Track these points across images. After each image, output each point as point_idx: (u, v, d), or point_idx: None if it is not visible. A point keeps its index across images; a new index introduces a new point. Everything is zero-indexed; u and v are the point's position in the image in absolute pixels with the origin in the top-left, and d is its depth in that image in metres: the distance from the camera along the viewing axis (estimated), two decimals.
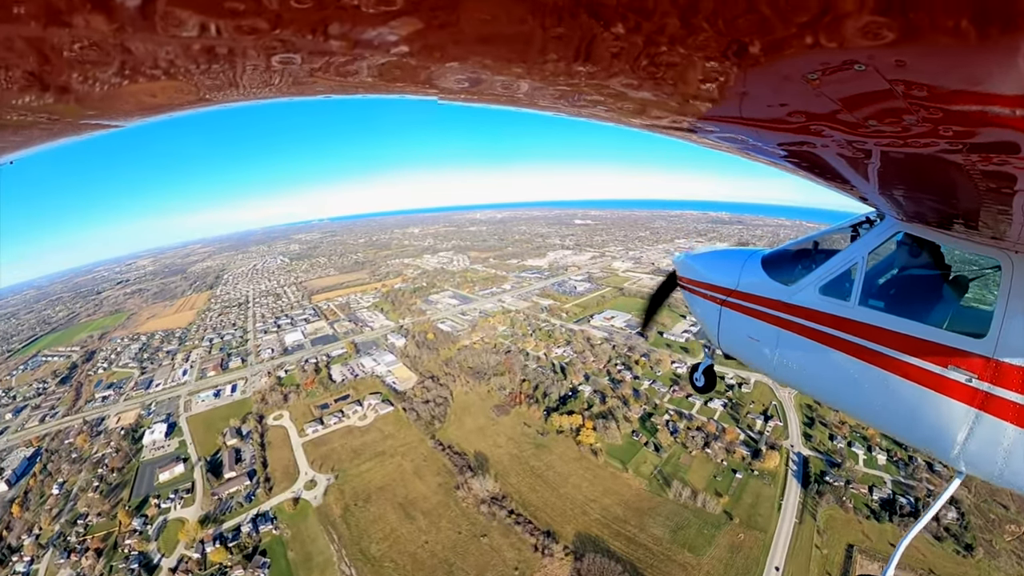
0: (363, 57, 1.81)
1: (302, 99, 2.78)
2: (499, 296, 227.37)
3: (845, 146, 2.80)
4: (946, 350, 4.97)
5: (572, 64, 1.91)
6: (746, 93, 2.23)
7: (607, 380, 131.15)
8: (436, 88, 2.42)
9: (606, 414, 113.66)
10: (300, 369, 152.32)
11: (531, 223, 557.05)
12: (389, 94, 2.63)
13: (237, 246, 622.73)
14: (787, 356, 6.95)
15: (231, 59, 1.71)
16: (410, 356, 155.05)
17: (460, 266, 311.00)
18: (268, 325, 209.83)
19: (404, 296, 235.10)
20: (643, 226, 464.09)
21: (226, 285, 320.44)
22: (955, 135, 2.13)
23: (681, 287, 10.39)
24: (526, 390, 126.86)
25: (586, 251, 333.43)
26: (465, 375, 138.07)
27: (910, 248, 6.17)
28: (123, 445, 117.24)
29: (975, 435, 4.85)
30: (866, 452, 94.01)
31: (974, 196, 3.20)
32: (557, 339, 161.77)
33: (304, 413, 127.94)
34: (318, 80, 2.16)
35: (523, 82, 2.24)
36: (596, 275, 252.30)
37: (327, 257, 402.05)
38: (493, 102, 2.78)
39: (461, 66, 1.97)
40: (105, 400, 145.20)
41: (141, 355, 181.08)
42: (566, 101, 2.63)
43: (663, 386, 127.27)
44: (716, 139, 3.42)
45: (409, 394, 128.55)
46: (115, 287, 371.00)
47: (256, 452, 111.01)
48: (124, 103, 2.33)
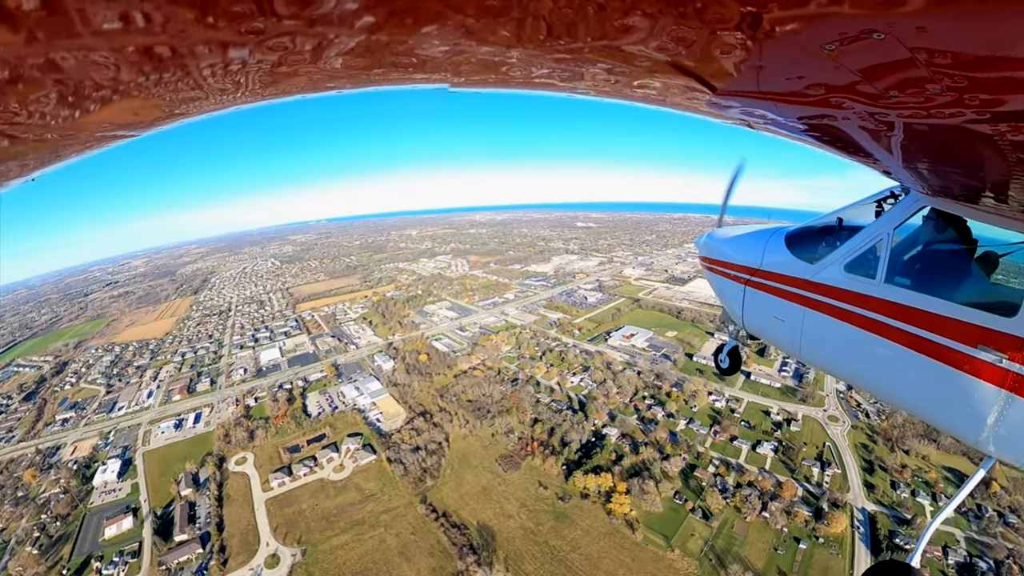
0: (328, 38, 1.66)
1: (291, 99, 2.71)
2: (502, 307, 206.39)
3: (867, 118, 2.71)
4: (975, 329, 4.78)
5: (568, 35, 1.81)
6: (763, 66, 2.17)
7: (636, 419, 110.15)
8: (422, 70, 2.31)
9: (640, 468, 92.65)
10: (271, 398, 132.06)
11: (532, 225, 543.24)
12: (379, 83, 2.56)
13: (231, 247, 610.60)
14: (812, 336, 6.85)
15: (176, 66, 1.58)
16: (398, 385, 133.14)
17: (459, 272, 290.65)
18: (246, 339, 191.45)
19: (396, 307, 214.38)
20: (648, 229, 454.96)
21: (211, 290, 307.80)
22: (982, 104, 2.00)
23: (704, 267, 10.29)
24: (539, 435, 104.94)
25: (593, 256, 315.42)
26: (464, 412, 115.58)
27: (936, 223, 5.94)
28: (72, 484, 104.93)
29: (1006, 418, 4.65)
30: (932, 502, 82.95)
31: (1003, 168, 3.03)
32: (571, 363, 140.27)
33: (271, 457, 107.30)
34: (291, 74, 2.02)
35: (515, 51, 2.09)
36: (607, 283, 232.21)
37: (319, 260, 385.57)
38: (495, 80, 2.62)
39: (440, 32, 1.75)
40: (65, 424, 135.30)
41: (111, 370, 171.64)
42: (568, 70, 2.51)
43: (702, 426, 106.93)
44: (736, 115, 3.33)
45: (395, 438, 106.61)
46: (104, 289, 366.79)
47: (212, 508, 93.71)
48: (145, 113, 2.29)
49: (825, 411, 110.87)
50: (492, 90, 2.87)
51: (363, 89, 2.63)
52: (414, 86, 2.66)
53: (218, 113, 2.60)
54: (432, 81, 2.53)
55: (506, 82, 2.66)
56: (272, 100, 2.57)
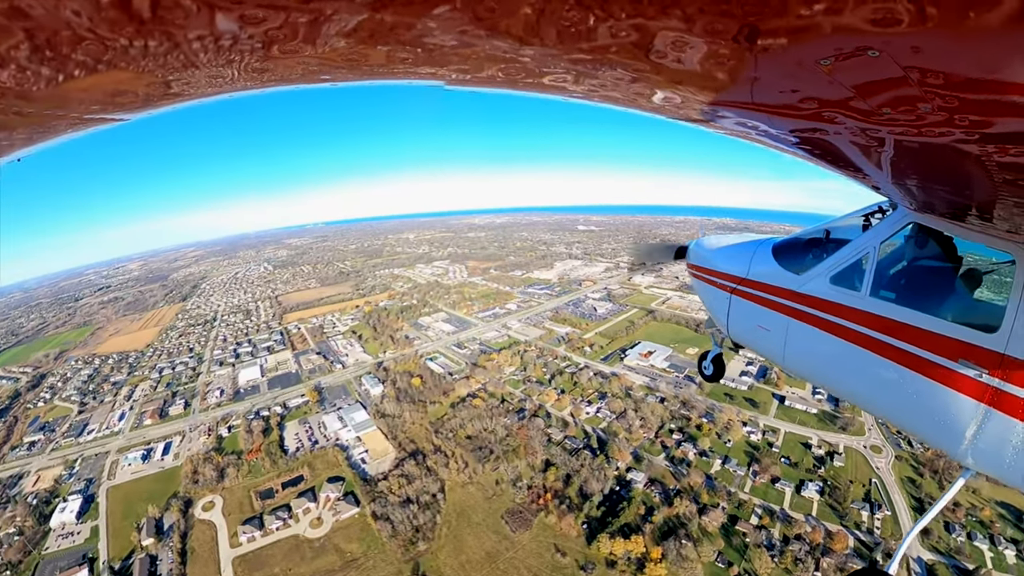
0: (325, 13, 1.53)
1: (288, 88, 2.64)
2: (503, 320, 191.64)
3: (858, 134, 2.74)
4: (957, 344, 4.85)
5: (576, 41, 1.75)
6: (757, 78, 2.17)
7: (664, 459, 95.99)
8: (428, 62, 2.23)
9: (675, 525, 78.34)
10: (246, 427, 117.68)
11: (532, 229, 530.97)
12: (379, 76, 2.50)
13: (226, 251, 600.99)
14: (796, 346, 6.86)
15: (161, 33, 1.48)
16: (387, 416, 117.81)
17: (457, 279, 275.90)
18: (227, 354, 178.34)
19: (389, 318, 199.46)
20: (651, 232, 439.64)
21: (200, 297, 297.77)
22: (971, 124, 2.05)
23: (691, 274, 10.33)
24: (553, 483, 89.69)
25: (597, 261, 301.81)
26: (462, 452, 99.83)
27: (922, 239, 6.01)
28: (28, 524, 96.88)
29: (984, 431, 4.73)
30: (990, 545, 76.05)
31: (989, 188, 3.09)
32: (585, 389, 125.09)
33: (241, 503, 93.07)
34: (287, 58, 1.93)
35: (530, 48, 2.01)
36: (616, 292, 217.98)
37: (312, 266, 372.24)
38: (495, 80, 2.58)
39: (452, 18, 1.62)
40: (32, 448, 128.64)
41: (87, 385, 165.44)
42: (579, 73, 2.46)
43: (739, 465, 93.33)
44: (730, 126, 3.37)
45: (382, 486, 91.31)
46: (95, 293, 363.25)
47: (175, 565, 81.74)
48: (128, 93, 2.20)
49: (867, 440, 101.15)
50: (493, 90, 2.75)
51: (362, 81, 2.53)
52: (414, 81, 2.55)
53: (212, 99, 2.48)
54: (435, 76, 2.44)
55: (515, 83, 2.57)
56: (267, 88, 2.46)
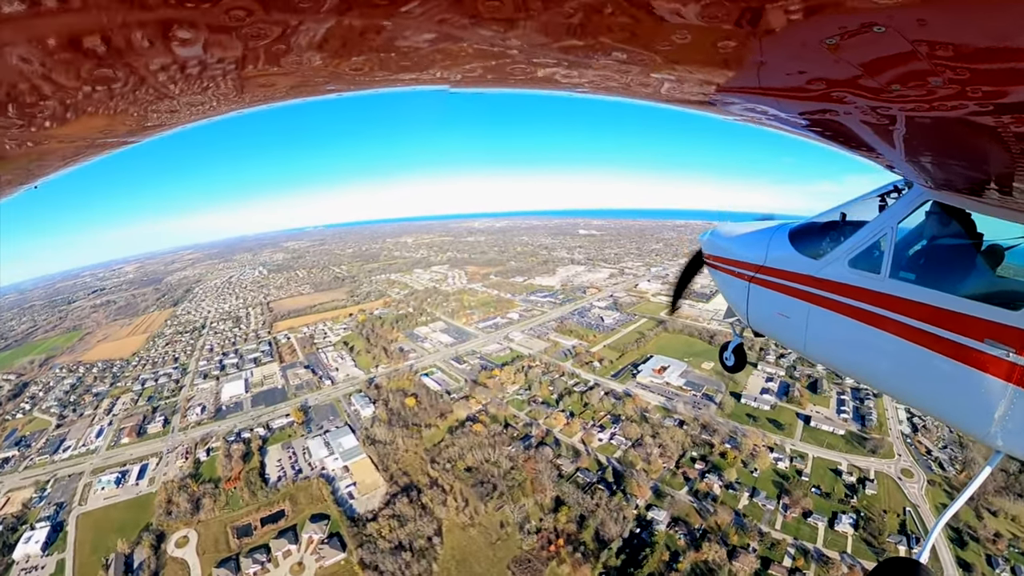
0: (291, 25, 1.48)
1: (277, 105, 2.64)
2: (505, 330, 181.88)
3: (869, 112, 2.69)
4: (982, 323, 4.72)
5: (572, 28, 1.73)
6: (763, 62, 2.12)
7: (687, 494, 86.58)
8: (411, 68, 2.22)
9: (702, 572, 69.31)
10: (225, 451, 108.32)
11: (532, 233, 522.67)
12: (367, 86, 2.49)
13: (223, 253, 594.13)
14: (818, 332, 6.77)
15: (122, 68, 1.41)
16: (378, 442, 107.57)
17: (456, 285, 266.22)
18: (212, 365, 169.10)
19: (383, 328, 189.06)
20: (653, 237, 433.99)
21: (191, 302, 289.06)
22: (984, 95, 1.98)
23: (708, 265, 10.18)
24: (565, 525, 79.56)
25: (601, 267, 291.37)
26: (462, 486, 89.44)
27: (940, 217, 5.88)
28: None
29: (1013, 412, 4.60)
30: None
31: (1007, 160, 3.04)
32: (597, 411, 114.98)
33: (216, 539, 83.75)
34: (263, 79, 1.90)
35: (514, 38, 1.99)
36: (623, 300, 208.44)
37: (307, 270, 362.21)
38: (493, 78, 2.55)
39: (421, 13, 1.57)
40: (5, 465, 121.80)
41: (69, 396, 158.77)
42: (577, 59, 2.44)
43: (768, 498, 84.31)
44: (738, 111, 3.30)
45: (372, 528, 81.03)
46: (89, 296, 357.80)
47: None
48: (134, 120, 2.24)
49: (897, 464, 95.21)
50: (491, 89, 2.76)
51: (353, 92, 2.48)
52: (409, 87, 2.52)
53: (203, 122, 2.43)
54: (424, 81, 2.42)
55: (506, 79, 2.53)
56: (254, 107, 2.40)
